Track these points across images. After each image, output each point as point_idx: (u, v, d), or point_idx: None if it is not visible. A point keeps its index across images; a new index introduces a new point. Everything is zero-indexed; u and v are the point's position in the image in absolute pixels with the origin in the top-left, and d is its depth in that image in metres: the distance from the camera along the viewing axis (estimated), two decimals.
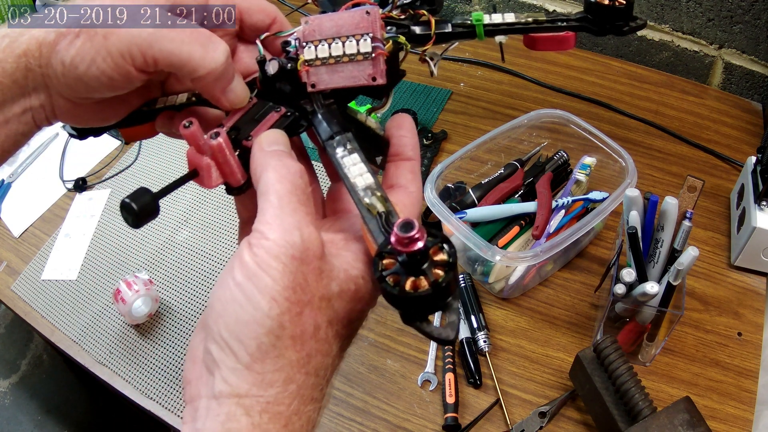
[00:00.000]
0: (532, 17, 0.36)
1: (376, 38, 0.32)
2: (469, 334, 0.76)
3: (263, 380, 0.26)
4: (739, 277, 0.79)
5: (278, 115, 0.33)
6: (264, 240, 0.26)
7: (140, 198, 0.28)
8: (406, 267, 0.25)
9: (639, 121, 1.00)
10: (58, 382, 1.56)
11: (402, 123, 0.36)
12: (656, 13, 1.04)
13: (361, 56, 0.32)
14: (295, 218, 0.27)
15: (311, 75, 0.33)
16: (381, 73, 0.32)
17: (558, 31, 0.36)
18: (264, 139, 0.30)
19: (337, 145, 0.31)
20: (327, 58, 0.32)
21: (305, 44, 0.33)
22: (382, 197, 0.29)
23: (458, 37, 0.37)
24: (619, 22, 0.35)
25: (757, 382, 0.70)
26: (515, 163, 0.86)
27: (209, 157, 0.30)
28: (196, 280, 0.88)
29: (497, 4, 1.13)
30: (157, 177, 1.04)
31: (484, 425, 0.70)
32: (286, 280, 0.26)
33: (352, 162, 0.30)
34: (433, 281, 0.25)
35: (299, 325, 0.26)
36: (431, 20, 0.36)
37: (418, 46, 0.36)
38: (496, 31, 0.36)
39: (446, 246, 0.25)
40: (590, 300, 0.79)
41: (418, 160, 0.36)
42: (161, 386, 0.78)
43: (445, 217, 0.73)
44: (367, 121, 0.35)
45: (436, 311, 0.26)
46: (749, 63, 0.99)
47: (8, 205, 1.06)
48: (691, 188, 0.65)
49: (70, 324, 0.86)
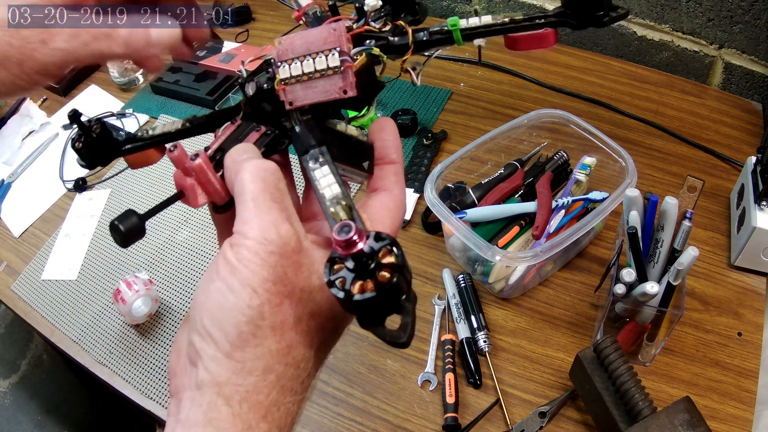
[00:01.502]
0: (509, 17, 0.36)
1: (344, 52, 0.33)
2: (469, 334, 0.76)
3: (243, 368, 0.26)
4: (739, 277, 0.79)
5: (258, 134, 0.35)
6: (244, 239, 0.27)
7: (127, 220, 0.30)
8: (354, 270, 0.25)
9: (639, 121, 1.00)
10: (58, 382, 1.56)
11: (383, 126, 0.36)
12: (656, 13, 1.04)
13: (331, 71, 0.33)
14: (270, 216, 0.28)
15: (288, 93, 0.34)
16: (351, 86, 0.33)
17: (537, 29, 0.36)
18: (234, 151, 0.32)
19: (310, 159, 0.32)
20: (301, 75, 0.34)
21: (280, 64, 0.34)
22: (347, 206, 0.30)
23: (437, 44, 0.37)
24: (599, 13, 0.34)
25: (757, 382, 0.70)
26: (515, 163, 0.87)
27: (193, 178, 0.32)
28: (196, 280, 0.88)
29: (497, 3, 1.13)
30: (157, 177, 1.04)
31: (484, 425, 0.70)
32: (265, 272, 0.27)
33: (322, 174, 0.31)
34: (379, 284, 0.25)
35: (279, 315, 0.27)
36: (408, 30, 0.36)
37: (398, 56, 0.37)
38: (474, 34, 0.37)
39: (395, 249, 0.26)
40: (590, 300, 0.79)
41: (400, 163, 0.36)
42: (161, 386, 0.78)
43: (445, 217, 0.73)
44: (348, 130, 0.36)
45: (388, 314, 0.26)
46: (749, 63, 0.99)
47: (8, 205, 1.06)
48: (691, 188, 0.65)
49: (70, 324, 0.86)
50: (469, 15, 0.38)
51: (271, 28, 1.34)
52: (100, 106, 1.19)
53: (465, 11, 1.27)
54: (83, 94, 1.24)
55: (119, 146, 0.39)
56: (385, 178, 0.35)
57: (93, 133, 0.38)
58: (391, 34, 0.37)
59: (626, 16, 0.35)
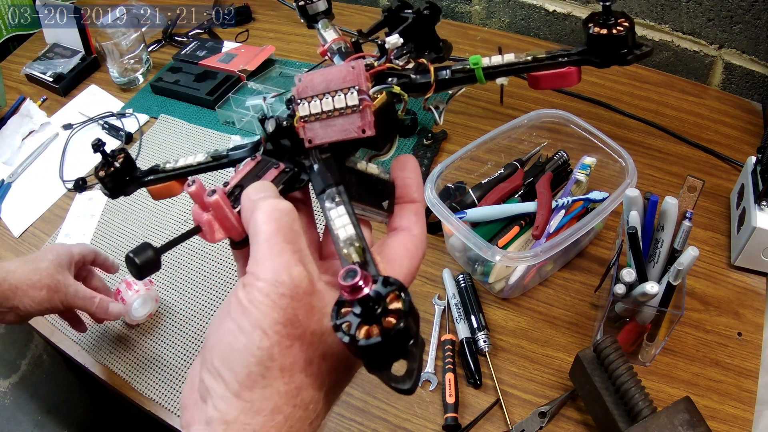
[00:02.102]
0: (531, 55, 0.35)
1: (362, 90, 0.33)
2: (469, 334, 0.76)
3: (251, 408, 0.26)
4: (739, 277, 0.79)
5: (277, 171, 0.35)
6: (256, 280, 0.27)
7: (143, 253, 0.30)
8: (360, 315, 0.25)
9: (639, 121, 1.00)
10: (58, 382, 1.56)
11: (405, 164, 0.36)
12: (656, 13, 1.04)
13: (350, 109, 0.33)
14: (283, 258, 0.28)
15: (307, 131, 0.34)
16: (369, 125, 0.33)
17: (560, 67, 0.35)
18: (251, 188, 0.32)
19: (326, 198, 0.32)
20: (320, 113, 0.33)
21: (299, 101, 0.34)
22: (360, 248, 0.30)
23: (459, 83, 0.37)
24: (623, 51, 0.33)
25: (757, 382, 0.70)
26: (515, 163, 0.87)
27: (211, 214, 0.32)
28: (196, 280, 0.88)
29: (497, 3, 1.12)
30: None
31: (484, 425, 0.70)
32: (276, 314, 0.27)
33: (337, 214, 0.31)
34: (384, 329, 0.25)
35: (289, 356, 0.27)
36: (430, 68, 0.36)
37: (420, 94, 0.37)
38: (497, 73, 0.36)
39: (402, 294, 0.26)
40: (590, 300, 0.79)
41: (421, 202, 0.36)
42: (161, 386, 0.78)
43: (445, 217, 0.73)
44: (368, 169, 0.36)
45: (394, 359, 0.25)
46: (749, 63, 0.99)
47: (8, 205, 1.06)
48: (691, 188, 0.65)
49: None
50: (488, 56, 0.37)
51: (271, 28, 1.34)
52: (100, 106, 1.20)
53: (465, 11, 1.27)
54: (83, 94, 1.24)
55: (142, 177, 0.40)
56: (405, 217, 0.35)
57: (116, 163, 0.39)
58: (413, 72, 0.36)
59: (651, 54, 0.34)
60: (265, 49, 1.22)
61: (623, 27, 0.33)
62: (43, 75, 1.27)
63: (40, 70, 1.28)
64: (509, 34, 1.22)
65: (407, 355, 0.25)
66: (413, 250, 0.34)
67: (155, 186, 0.40)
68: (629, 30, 0.33)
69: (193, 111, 1.16)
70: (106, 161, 0.39)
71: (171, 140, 1.11)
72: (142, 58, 1.25)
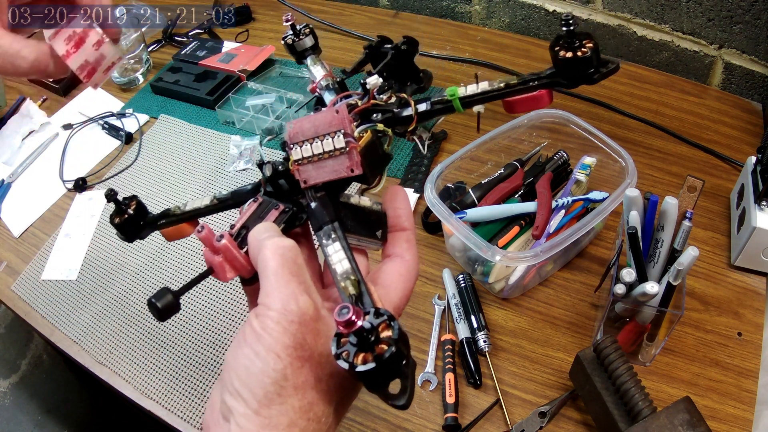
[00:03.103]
0: (503, 82, 0.38)
1: (347, 134, 0.36)
2: (469, 334, 0.76)
3: (269, 423, 0.30)
4: (739, 277, 0.79)
5: (277, 212, 0.38)
6: (267, 310, 0.31)
7: (163, 297, 0.34)
8: (356, 345, 0.29)
9: (639, 121, 1.00)
10: (58, 382, 1.56)
11: (395, 196, 0.40)
12: (656, 13, 1.04)
13: (338, 151, 0.36)
14: (290, 289, 0.31)
15: (302, 172, 0.37)
16: (357, 164, 0.36)
17: (531, 91, 0.37)
18: (256, 230, 0.35)
19: (323, 235, 0.36)
20: (311, 156, 0.37)
21: (292, 146, 0.37)
22: (355, 281, 0.33)
23: (439, 113, 0.39)
24: (589, 71, 0.35)
25: (757, 382, 0.70)
26: (515, 163, 0.87)
27: (221, 256, 0.35)
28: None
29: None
30: (157, 177, 1.04)
31: (484, 425, 0.70)
32: (287, 339, 0.30)
33: (334, 250, 0.35)
34: (377, 355, 0.28)
35: (301, 376, 0.31)
36: (411, 102, 0.39)
37: (403, 127, 0.39)
38: (473, 101, 0.38)
39: (392, 323, 0.29)
40: (590, 300, 0.79)
41: (412, 230, 0.40)
42: (161, 386, 0.78)
43: (445, 217, 0.73)
44: (361, 202, 0.40)
45: (390, 379, 0.29)
46: (749, 63, 0.99)
47: (8, 205, 1.06)
48: (691, 188, 0.65)
49: (70, 324, 0.86)
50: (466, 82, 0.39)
51: (271, 28, 1.34)
52: (100, 106, 1.20)
53: (465, 11, 1.27)
54: (83, 94, 1.24)
55: (154, 221, 0.43)
56: (398, 245, 0.39)
57: (129, 210, 0.42)
58: (396, 107, 0.39)
59: (617, 70, 0.35)
60: (265, 49, 1.22)
61: (588, 48, 0.34)
62: None
63: None
64: (509, 34, 1.22)
65: (401, 375, 0.29)
66: (406, 275, 0.37)
67: (167, 228, 0.44)
68: (594, 50, 0.34)
69: (193, 111, 1.16)
70: (120, 209, 0.42)
71: (171, 140, 1.11)
72: (142, 58, 1.25)
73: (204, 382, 0.77)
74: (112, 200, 0.42)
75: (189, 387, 0.77)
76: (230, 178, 1.02)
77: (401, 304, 0.37)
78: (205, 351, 0.80)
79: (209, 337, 0.81)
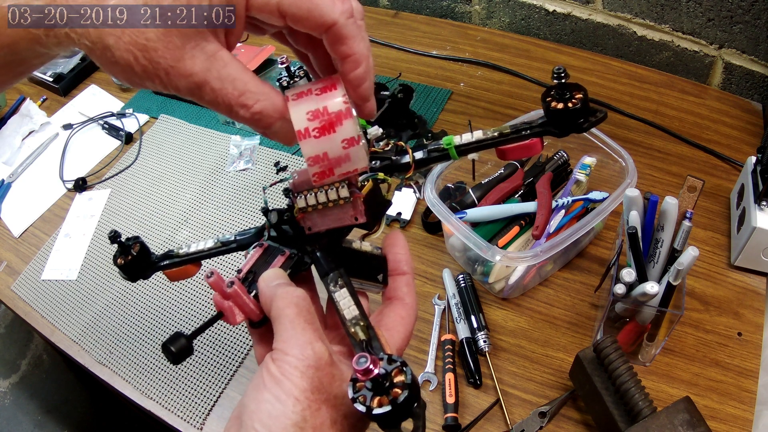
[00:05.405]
0: (497, 131, 0.39)
1: (352, 184, 0.37)
2: (469, 334, 0.76)
3: None
4: (739, 277, 0.79)
5: (284, 258, 0.39)
6: (284, 356, 0.33)
7: (177, 341, 0.35)
8: (372, 390, 0.31)
9: (639, 121, 1.00)
10: (58, 382, 1.56)
11: (395, 242, 0.42)
12: (656, 13, 1.04)
13: (342, 200, 0.37)
14: (306, 336, 0.33)
15: (306, 220, 0.39)
16: (361, 213, 0.37)
17: (524, 140, 0.39)
18: (266, 276, 0.37)
19: (330, 281, 0.37)
20: (316, 204, 0.37)
21: (297, 195, 0.38)
22: (365, 326, 0.35)
23: (435, 161, 0.41)
24: (579, 120, 0.36)
25: (757, 382, 0.70)
26: (515, 163, 0.86)
27: (231, 301, 0.36)
28: (195, 280, 0.88)
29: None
30: (157, 177, 1.04)
31: (484, 425, 0.70)
32: (305, 383, 0.32)
33: (341, 296, 0.36)
34: (392, 399, 0.30)
35: (319, 418, 0.32)
36: (409, 150, 0.40)
37: (401, 174, 0.41)
38: (468, 150, 0.40)
39: (404, 368, 0.31)
40: (590, 300, 0.79)
41: (411, 274, 0.41)
42: (161, 386, 0.78)
43: (445, 217, 0.73)
44: (362, 247, 0.41)
45: (403, 420, 0.31)
46: (749, 63, 0.99)
47: (8, 205, 1.06)
48: (691, 188, 0.65)
49: (70, 324, 0.86)
50: (461, 132, 0.41)
51: None
52: (100, 106, 1.19)
53: (465, 11, 1.27)
54: (83, 94, 1.24)
55: (158, 262, 0.44)
56: (398, 288, 0.41)
57: (133, 252, 0.43)
58: (393, 154, 0.40)
59: (605, 119, 0.37)
60: (265, 49, 1.22)
61: (577, 99, 0.36)
62: (43, 75, 1.27)
63: (40, 70, 1.28)
64: (509, 34, 1.22)
65: (413, 416, 0.31)
66: (407, 318, 0.39)
67: (171, 270, 0.45)
68: (583, 101, 0.36)
69: (193, 111, 1.16)
70: (123, 251, 0.43)
71: (171, 140, 1.11)
72: None
73: (204, 382, 0.77)
74: (116, 242, 0.42)
75: (189, 387, 0.77)
76: (230, 177, 1.02)
77: (403, 345, 0.39)
78: (205, 351, 0.80)
79: (209, 337, 0.81)
